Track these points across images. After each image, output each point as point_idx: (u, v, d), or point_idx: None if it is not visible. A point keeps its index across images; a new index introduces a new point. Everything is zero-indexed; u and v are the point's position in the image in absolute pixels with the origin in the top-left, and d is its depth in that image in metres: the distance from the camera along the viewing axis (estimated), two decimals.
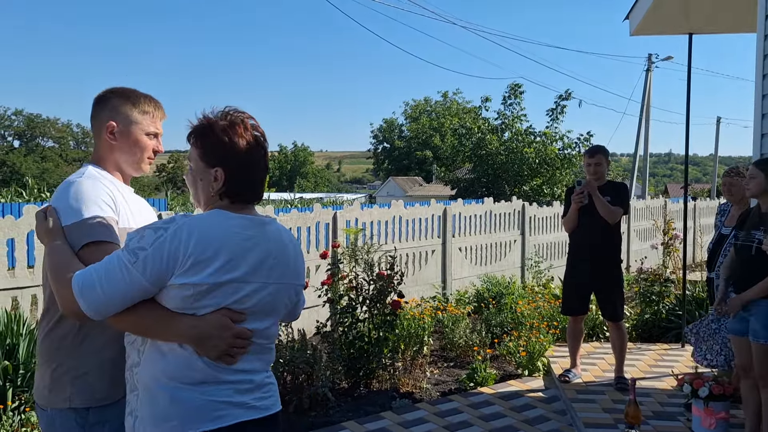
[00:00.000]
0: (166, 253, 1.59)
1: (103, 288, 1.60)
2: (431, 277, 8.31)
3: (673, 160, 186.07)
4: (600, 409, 4.58)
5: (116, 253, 1.64)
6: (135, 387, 1.69)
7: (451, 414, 4.62)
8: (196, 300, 1.63)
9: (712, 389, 3.89)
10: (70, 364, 1.86)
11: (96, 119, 2.03)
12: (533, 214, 10.23)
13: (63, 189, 1.88)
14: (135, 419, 1.67)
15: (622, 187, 5.11)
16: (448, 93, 50.51)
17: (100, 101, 2.03)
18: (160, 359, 1.65)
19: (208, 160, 1.73)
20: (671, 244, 7.42)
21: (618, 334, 5.04)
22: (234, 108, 1.78)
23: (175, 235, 1.60)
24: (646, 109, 24.64)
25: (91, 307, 1.61)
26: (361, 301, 5.22)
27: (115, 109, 2.01)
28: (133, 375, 1.70)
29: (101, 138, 2.02)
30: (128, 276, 1.59)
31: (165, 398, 1.62)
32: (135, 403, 1.68)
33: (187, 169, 1.81)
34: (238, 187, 1.73)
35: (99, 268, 1.63)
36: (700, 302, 6.66)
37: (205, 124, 1.75)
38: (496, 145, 20.74)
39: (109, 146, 2.02)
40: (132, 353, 1.72)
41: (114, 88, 2.06)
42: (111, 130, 2.00)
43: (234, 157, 1.71)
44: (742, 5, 5.49)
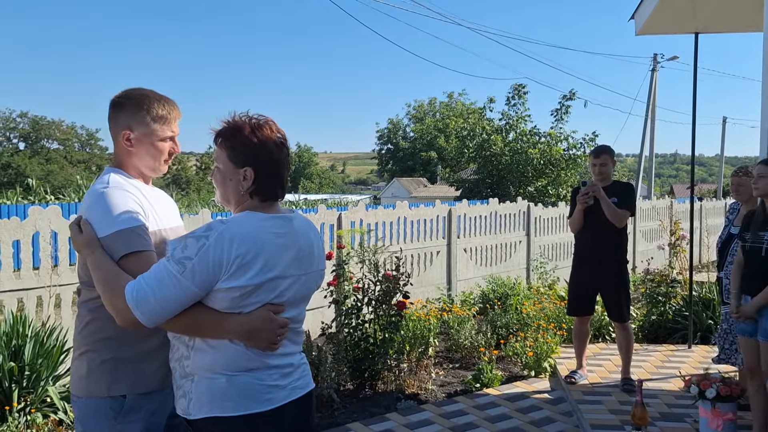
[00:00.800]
0: (211, 261, 1.71)
1: (157, 298, 1.70)
2: (436, 278, 8.29)
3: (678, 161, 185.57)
4: (606, 410, 4.56)
5: (163, 264, 1.74)
6: (187, 375, 1.81)
7: (457, 415, 4.61)
8: (242, 300, 1.76)
9: (719, 390, 3.86)
10: (110, 353, 1.91)
11: (113, 124, 2.04)
12: (538, 214, 10.20)
13: (94, 200, 1.91)
14: (189, 401, 1.79)
15: (628, 187, 5.09)
16: (453, 94, 50.47)
17: (115, 107, 2.04)
18: (211, 352, 1.78)
19: (237, 161, 1.83)
20: (678, 245, 7.38)
21: (624, 335, 5.01)
22: (255, 113, 1.89)
23: (217, 243, 1.71)
24: (651, 109, 24.56)
25: (147, 317, 1.72)
26: (366, 302, 5.21)
27: (129, 116, 2.02)
28: (183, 366, 1.82)
29: (119, 144, 2.04)
30: (179, 285, 1.71)
31: (222, 381, 1.77)
32: (189, 386, 1.80)
33: (214, 170, 1.90)
34: (267, 186, 1.84)
35: (149, 280, 1.72)
36: (707, 303, 6.62)
37: (233, 126, 1.84)
38: (500, 145, 20.70)
39: (127, 152, 2.04)
40: (179, 347, 1.83)
41: (129, 92, 2.05)
42: (127, 137, 2.02)
43: (262, 157, 1.82)
44: (749, 4, 5.46)
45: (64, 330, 4.73)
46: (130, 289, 1.72)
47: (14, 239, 4.92)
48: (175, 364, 1.85)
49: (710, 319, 6.51)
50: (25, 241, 4.97)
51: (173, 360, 1.87)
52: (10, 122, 61.64)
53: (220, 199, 1.92)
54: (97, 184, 1.98)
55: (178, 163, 71.91)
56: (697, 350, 6.13)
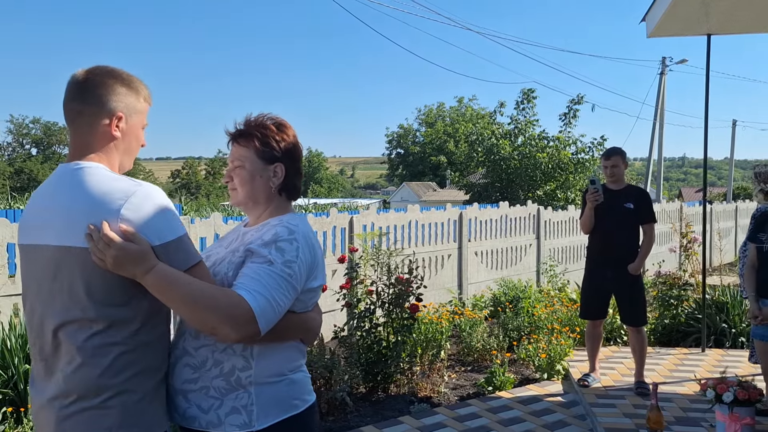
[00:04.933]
0: (306, 263, 1.74)
1: (275, 305, 1.64)
2: (447, 281, 8.28)
3: (687, 164, 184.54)
4: (620, 414, 4.53)
5: (268, 269, 1.66)
6: (242, 386, 1.71)
7: (470, 419, 4.59)
8: (312, 299, 1.84)
9: (736, 394, 3.83)
10: (144, 388, 1.62)
11: (92, 105, 1.65)
12: (548, 218, 10.18)
13: (136, 201, 1.57)
14: (251, 413, 1.71)
15: (645, 195, 5.02)
16: (464, 99, 50.57)
17: (98, 86, 1.66)
18: (277, 355, 1.76)
19: (266, 158, 1.83)
20: (690, 248, 7.33)
21: (638, 338, 4.98)
22: (268, 113, 1.90)
23: (305, 245, 1.74)
24: (660, 112, 24.45)
25: (266, 326, 1.63)
26: (380, 305, 5.21)
27: (119, 97, 1.68)
28: (237, 379, 1.71)
29: (101, 131, 1.66)
30: (290, 289, 1.69)
31: (287, 381, 1.77)
32: (247, 398, 1.71)
33: (234, 170, 1.84)
34: (295, 181, 1.88)
35: (260, 286, 1.63)
36: (721, 306, 6.57)
37: (259, 124, 1.85)
38: (509, 150, 20.69)
39: (109, 141, 1.68)
40: (231, 359, 1.71)
41: (109, 69, 1.70)
42: (118, 123, 1.68)
43: (289, 153, 1.86)
44: (762, 4, 5.44)
45: None
46: (250, 299, 1.59)
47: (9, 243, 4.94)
48: (218, 382, 1.70)
49: (724, 322, 6.46)
50: None
51: (218, 376, 1.71)
52: (22, 128, 62.18)
53: (243, 199, 1.85)
54: (122, 182, 1.60)
55: (189, 168, 72.18)
56: (711, 353, 6.08)
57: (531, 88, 22.28)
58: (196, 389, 1.72)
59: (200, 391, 1.71)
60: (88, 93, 1.65)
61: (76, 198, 1.57)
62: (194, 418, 1.72)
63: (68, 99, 1.67)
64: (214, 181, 68.78)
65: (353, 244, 6.78)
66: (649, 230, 4.96)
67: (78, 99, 1.66)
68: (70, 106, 1.67)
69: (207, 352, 1.72)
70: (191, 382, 1.72)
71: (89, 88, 1.65)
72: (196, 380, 1.72)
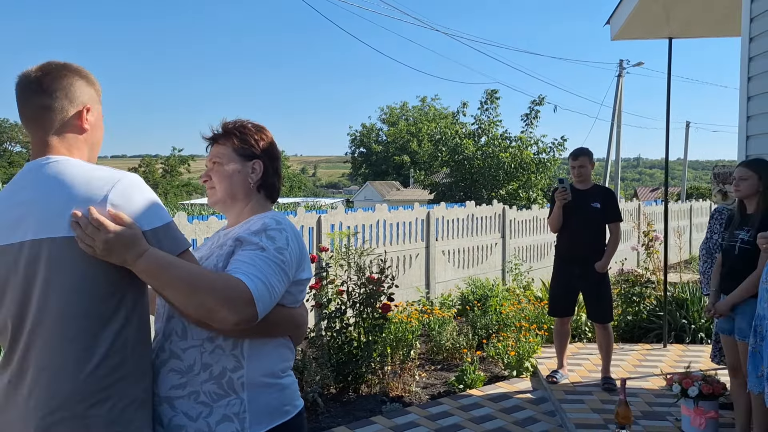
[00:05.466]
0: (296, 252, 1.72)
1: (271, 288, 1.60)
2: (415, 280, 8.31)
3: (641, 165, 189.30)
4: (589, 409, 4.61)
5: (262, 254, 1.63)
6: (234, 391, 1.65)
7: (442, 417, 4.62)
8: (300, 293, 1.82)
9: (701, 389, 3.94)
10: (131, 394, 1.54)
11: (60, 100, 1.60)
12: (513, 217, 10.32)
13: (128, 185, 1.54)
14: (243, 421, 1.64)
15: (611, 195, 5.13)
16: (427, 98, 50.88)
17: (61, 79, 1.61)
18: (268, 354, 1.72)
19: (245, 154, 1.86)
20: (651, 246, 7.52)
21: (604, 335, 5.08)
22: (246, 119, 1.96)
23: (293, 235, 1.74)
24: (617, 113, 25.03)
25: (265, 309, 1.58)
26: (351, 305, 5.19)
27: (83, 89, 1.65)
28: (229, 382, 1.65)
29: (69, 124, 1.62)
30: (283, 275, 1.66)
31: (276, 391, 1.71)
32: (239, 406, 1.65)
33: (212, 168, 1.87)
34: (273, 180, 1.90)
35: (256, 270, 1.59)
36: (681, 303, 6.75)
37: (237, 125, 1.89)
38: (472, 150, 20.90)
39: (79, 134, 1.64)
40: (221, 360, 1.66)
41: (63, 63, 1.65)
42: (87, 115, 1.65)
43: (267, 152, 1.89)
44: (721, 10, 5.61)
45: None
46: (248, 281, 1.54)
47: None
48: (208, 386, 1.64)
49: (684, 318, 6.64)
50: None
51: (209, 380, 1.65)
52: None
53: (222, 196, 1.84)
54: (105, 171, 1.56)
55: (146, 166, 70.70)
56: (673, 349, 6.25)
57: (494, 89, 22.57)
58: (183, 395, 1.65)
59: (188, 398, 1.64)
60: (53, 88, 1.59)
61: (56, 189, 1.50)
62: (181, 426, 1.63)
63: (29, 96, 1.60)
64: (171, 180, 67.54)
65: (322, 243, 6.74)
66: (615, 229, 5.07)
67: (42, 95, 1.59)
68: (33, 103, 1.60)
69: (196, 353, 1.66)
70: (178, 388, 1.65)
71: (53, 82, 1.60)
72: (184, 385, 1.65)
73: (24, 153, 58.18)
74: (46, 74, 1.60)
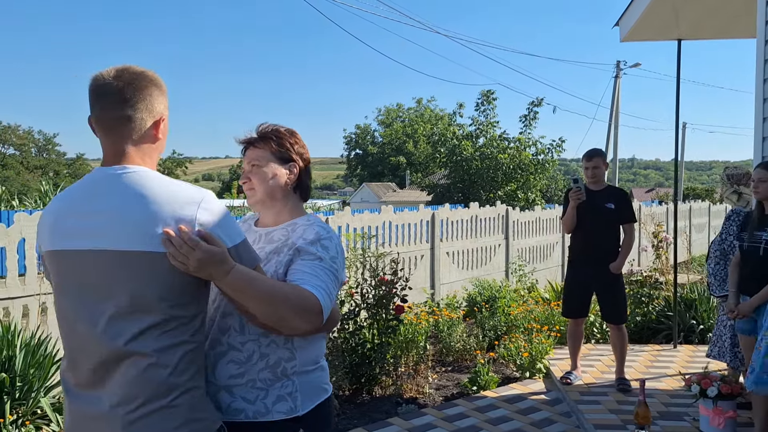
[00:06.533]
0: (342, 258, 1.89)
1: (331, 297, 1.77)
2: (420, 281, 8.30)
3: (636, 165, 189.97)
4: (606, 410, 4.62)
5: (320, 265, 1.78)
6: (287, 376, 1.82)
7: (459, 419, 4.61)
8: (338, 292, 1.92)
9: (720, 389, 3.94)
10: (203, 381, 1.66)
11: (142, 111, 1.61)
12: (516, 218, 10.33)
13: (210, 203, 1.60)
14: (295, 399, 1.82)
15: (625, 196, 5.14)
16: (422, 100, 50.92)
17: (142, 89, 1.61)
18: (313, 345, 1.88)
19: (282, 158, 1.97)
20: (660, 247, 7.55)
21: (619, 336, 5.08)
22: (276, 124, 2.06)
23: (338, 242, 1.89)
24: (615, 114, 25.11)
25: (326, 316, 1.74)
26: (364, 307, 5.18)
27: (160, 99, 1.66)
28: (283, 369, 1.81)
29: (145, 135, 1.64)
30: (337, 282, 1.82)
31: (318, 371, 1.90)
32: (291, 386, 1.82)
33: (251, 170, 1.96)
34: (307, 181, 2.02)
35: (319, 281, 1.74)
36: (690, 303, 6.77)
37: (272, 130, 2.00)
38: (470, 151, 20.92)
39: (152, 144, 1.67)
40: (276, 352, 1.81)
41: (141, 70, 1.65)
42: (161, 125, 1.68)
43: (301, 155, 2.01)
44: (731, 12, 5.63)
45: (53, 339, 4.59)
46: (318, 294, 1.70)
47: (0, 246, 4.75)
48: (264, 374, 1.79)
49: (693, 319, 6.66)
50: (11, 249, 4.80)
51: (265, 369, 1.79)
52: None
53: (262, 197, 1.96)
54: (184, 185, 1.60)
55: None
56: (683, 350, 6.26)
57: (491, 89, 22.58)
58: (242, 383, 1.79)
59: (246, 385, 1.79)
60: (135, 99, 1.60)
61: (139, 202, 1.54)
62: (240, 410, 1.78)
63: (109, 105, 1.60)
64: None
65: None
66: (630, 230, 5.07)
67: (124, 105, 1.60)
68: (113, 113, 1.60)
69: (253, 346, 1.80)
70: (237, 377, 1.79)
71: (135, 93, 1.61)
72: (242, 375, 1.79)
73: (17, 155, 57.81)
74: (128, 84, 1.60)
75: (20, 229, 4.85)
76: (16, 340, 4.32)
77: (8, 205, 15.71)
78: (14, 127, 59.42)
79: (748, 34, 6.08)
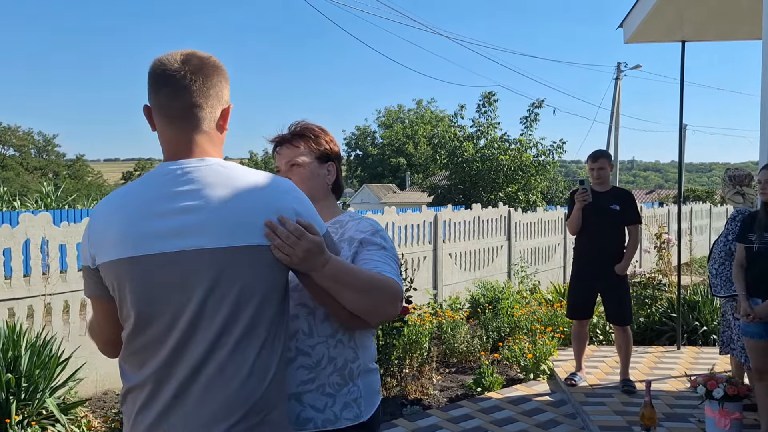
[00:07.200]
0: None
1: (402, 283, 1.75)
2: (423, 283, 8.30)
3: (635, 167, 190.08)
4: (611, 411, 4.62)
5: (386, 254, 1.78)
6: (352, 379, 1.78)
7: (464, 420, 4.61)
8: None
9: (726, 390, 3.94)
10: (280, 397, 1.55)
11: (212, 98, 1.52)
12: (518, 219, 10.33)
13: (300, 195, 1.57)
14: (359, 405, 1.78)
15: (630, 196, 5.15)
16: (423, 101, 50.94)
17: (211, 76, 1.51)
18: (370, 344, 1.87)
19: (320, 158, 1.95)
20: (663, 248, 7.55)
21: (624, 337, 5.08)
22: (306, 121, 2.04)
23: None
24: (615, 116, 25.13)
25: None
26: None
27: (227, 86, 1.57)
28: (350, 371, 1.78)
29: (215, 125, 1.54)
30: (399, 270, 1.81)
31: (374, 374, 1.87)
32: (357, 391, 1.79)
33: (291, 169, 1.92)
34: (341, 180, 2.01)
35: (391, 269, 1.73)
36: (692, 305, 6.77)
37: (308, 128, 1.97)
38: (471, 152, 20.93)
39: (220, 133, 1.57)
40: (343, 353, 1.78)
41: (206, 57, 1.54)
42: (228, 114, 1.58)
43: (337, 154, 2.01)
44: (735, 14, 5.65)
45: (58, 340, 4.59)
46: (398, 280, 1.70)
47: (5, 247, 4.75)
48: (334, 378, 1.75)
49: (696, 320, 6.66)
50: (16, 249, 4.81)
51: (334, 372, 1.75)
52: None
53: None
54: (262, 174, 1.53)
55: (141, 169, 70.49)
56: (687, 351, 6.26)
57: (492, 91, 22.60)
58: (312, 389, 1.73)
59: (316, 391, 1.74)
60: (206, 86, 1.50)
61: (233, 196, 1.44)
62: (310, 419, 1.72)
63: (179, 94, 1.48)
64: None
65: None
66: (635, 231, 5.08)
67: (196, 94, 1.49)
68: (184, 101, 1.48)
69: (323, 348, 1.75)
70: (308, 383, 1.73)
71: (206, 81, 1.50)
72: (313, 380, 1.73)
73: (17, 156, 57.77)
74: (197, 71, 1.49)
75: (25, 229, 4.85)
76: (22, 340, 4.32)
77: (9, 206, 15.70)
78: (14, 128, 59.42)
79: (753, 36, 6.10)
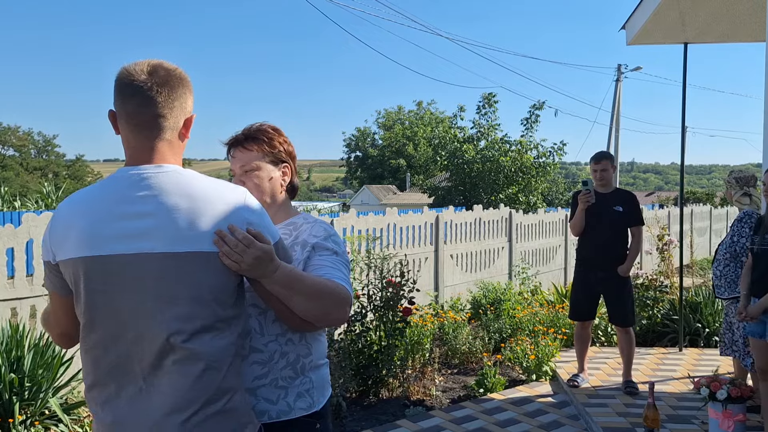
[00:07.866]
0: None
1: (351, 288, 1.80)
2: (424, 284, 8.29)
3: (636, 169, 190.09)
4: (614, 413, 4.61)
5: (338, 259, 1.83)
6: (305, 372, 1.86)
7: (467, 421, 4.61)
8: None
9: (730, 392, 3.94)
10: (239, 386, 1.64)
11: (176, 109, 1.57)
12: (519, 221, 10.33)
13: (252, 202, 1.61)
14: (312, 395, 1.87)
15: (633, 198, 5.15)
16: (423, 102, 51.00)
17: (175, 88, 1.56)
18: (321, 339, 1.93)
19: (274, 160, 1.97)
20: (665, 250, 7.55)
21: (626, 339, 5.08)
22: (261, 122, 2.04)
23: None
24: (616, 118, 25.14)
25: None
26: (371, 309, 5.18)
27: (191, 97, 1.62)
28: (303, 365, 1.86)
29: (177, 134, 1.60)
30: (349, 274, 1.85)
31: (325, 367, 1.95)
32: (309, 382, 1.87)
33: (245, 174, 1.93)
34: (295, 180, 2.03)
35: (341, 274, 1.78)
36: (695, 306, 6.77)
37: (261, 130, 1.97)
38: (472, 153, 20.94)
39: (182, 141, 1.62)
40: (295, 349, 1.84)
41: (172, 68, 1.59)
42: (191, 123, 1.64)
43: (291, 154, 2.02)
44: (737, 16, 5.65)
45: None
46: (347, 286, 1.75)
47: (8, 247, 4.74)
48: (286, 371, 1.83)
49: (698, 322, 6.66)
50: (19, 249, 4.80)
51: (287, 366, 1.83)
52: None
53: (259, 199, 1.83)
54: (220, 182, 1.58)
55: None
56: (689, 353, 6.26)
57: (492, 92, 22.62)
58: (266, 383, 1.80)
59: (270, 385, 1.80)
60: (171, 98, 1.56)
61: (187, 202, 1.50)
62: (264, 411, 1.79)
63: (143, 103, 1.53)
64: None
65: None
66: (638, 233, 5.08)
67: (159, 105, 1.54)
68: (148, 111, 1.54)
69: (275, 346, 1.81)
70: (261, 378, 1.80)
71: (171, 92, 1.56)
72: (266, 375, 1.80)
73: (16, 156, 57.75)
74: (163, 84, 1.55)
75: (28, 229, 4.84)
76: (25, 340, 4.32)
77: (10, 206, 15.68)
78: (14, 128, 59.43)
79: (755, 38, 6.11)
